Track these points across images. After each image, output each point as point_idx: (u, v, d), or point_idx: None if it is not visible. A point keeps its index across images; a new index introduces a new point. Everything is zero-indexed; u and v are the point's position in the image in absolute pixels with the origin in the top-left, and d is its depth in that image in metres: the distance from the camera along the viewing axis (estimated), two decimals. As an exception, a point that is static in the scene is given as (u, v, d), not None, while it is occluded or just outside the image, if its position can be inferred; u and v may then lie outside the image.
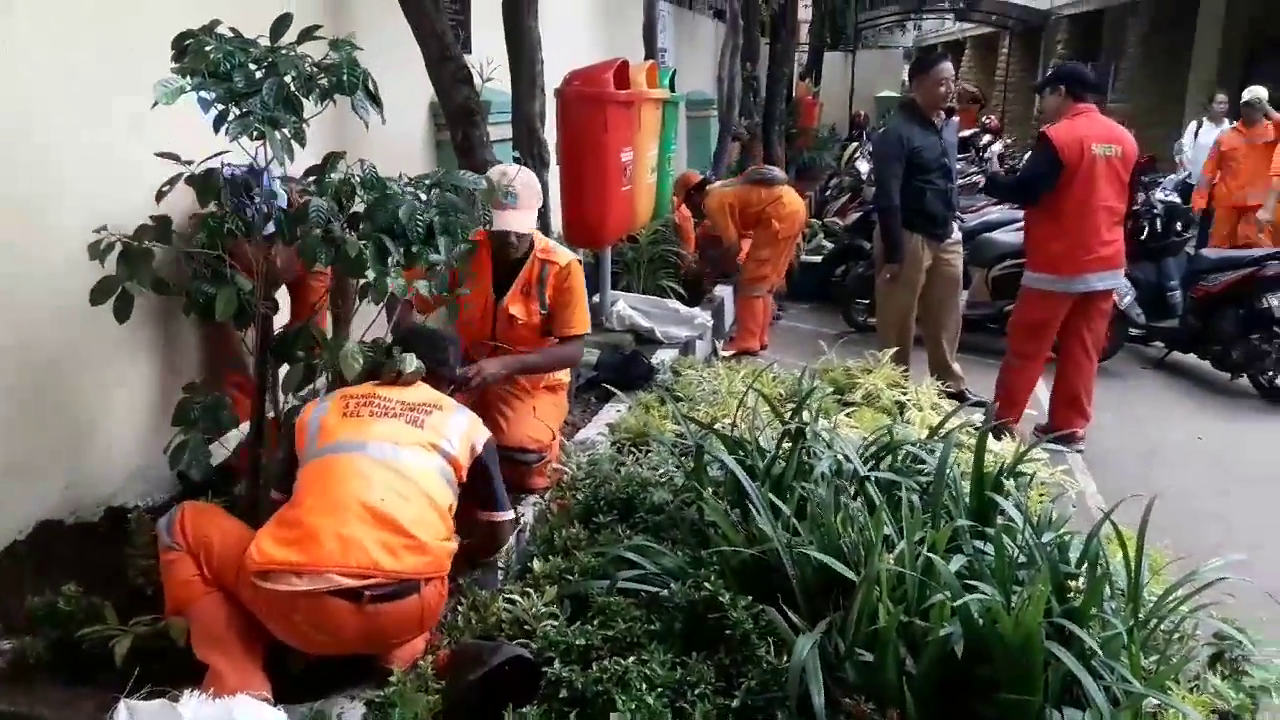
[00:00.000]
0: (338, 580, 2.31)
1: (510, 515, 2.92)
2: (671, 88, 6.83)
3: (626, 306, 6.15)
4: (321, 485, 2.46)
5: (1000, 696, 2.16)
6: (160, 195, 2.63)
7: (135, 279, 2.68)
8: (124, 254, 2.66)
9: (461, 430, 2.72)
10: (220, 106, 2.47)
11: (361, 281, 2.89)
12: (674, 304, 6.43)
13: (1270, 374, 6.62)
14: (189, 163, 2.65)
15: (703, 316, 6.40)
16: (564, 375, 4.06)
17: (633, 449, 4.15)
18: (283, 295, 3.49)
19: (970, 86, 20.99)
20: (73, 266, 2.85)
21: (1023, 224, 5.90)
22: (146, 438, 3.44)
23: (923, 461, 3.12)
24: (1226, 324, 6.77)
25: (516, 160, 5.01)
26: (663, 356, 5.77)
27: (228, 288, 2.77)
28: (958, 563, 2.42)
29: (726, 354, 6.57)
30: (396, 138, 4.88)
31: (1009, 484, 2.87)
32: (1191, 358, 7.24)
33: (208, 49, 2.53)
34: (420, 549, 2.43)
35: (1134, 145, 5.41)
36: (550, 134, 5.32)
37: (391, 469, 2.50)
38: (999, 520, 2.67)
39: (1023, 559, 2.56)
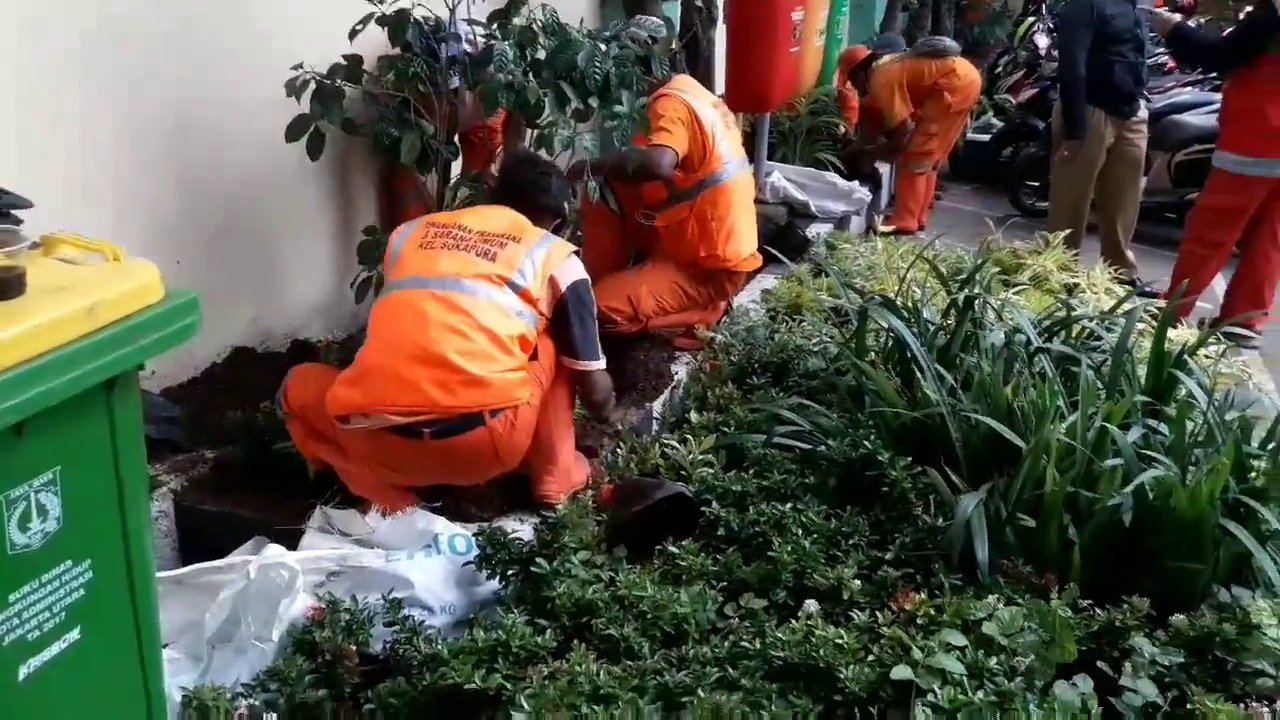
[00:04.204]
0: (392, 419, 2.35)
1: (596, 366, 2.70)
2: (844, -52, 6.52)
3: (781, 178, 6.02)
4: (383, 325, 2.49)
5: (1167, 566, 2.12)
6: (354, 33, 2.71)
7: (327, 117, 2.79)
8: (317, 91, 2.76)
9: (537, 262, 2.57)
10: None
11: (536, 132, 2.94)
12: (831, 177, 6.25)
13: None
14: (381, 2, 2.70)
15: (861, 191, 6.22)
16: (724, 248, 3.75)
17: (786, 318, 4.15)
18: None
19: None
20: (266, 108, 2.98)
21: (1217, 105, 5.47)
22: (328, 276, 3.62)
23: (1099, 338, 3.01)
24: None
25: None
26: (817, 230, 5.68)
27: (413, 131, 2.86)
28: (1133, 436, 2.36)
29: (885, 229, 6.40)
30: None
31: (1191, 362, 2.75)
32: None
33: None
34: (476, 382, 2.39)
35: None
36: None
37: (449, 303, 2.44)
38: (1179, 398, 2.57)
39: (1202, 438, 2.47)
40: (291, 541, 2.36)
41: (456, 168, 3.42)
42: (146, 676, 1.68)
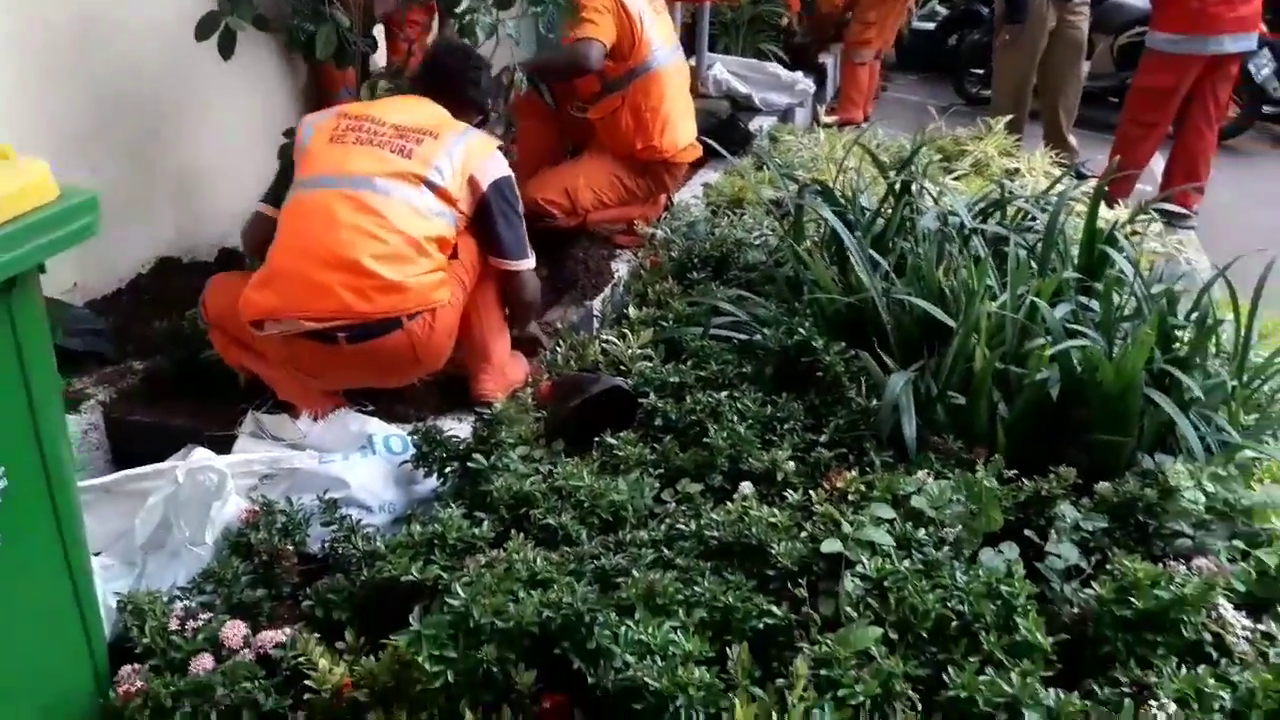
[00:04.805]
0: (306, 325, 2.28)
1: (525, 265, 2.61)
2: None
3: (724, 70, 5.93)
4: (293, 225, 2.38)
5: (1092, 438, 2.16)
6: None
7: (236, 12, 2.67)
8: (225, -16, 2.64)
9: (455, 160, 2.44)
10: None
11: (457, 24, 2.84)
12: (774, 68, 6.16)
13: None
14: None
15: (804, 83, 6.14)
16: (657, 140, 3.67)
17: (728, 212, 4.12)
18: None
19: None
20: (173, 5, 2.85)
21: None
22: (254, 181, 3.50)
23: (1034, 219, 3.02)
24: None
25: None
26: (760, 123, 5.62)
27: (327, 24, 2.75)
28: (1061, 311, 2.38)
29: (828, 120, 6.34)
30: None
31: (1122, 239, 2.77)
32: (1330, 136, 6.77)
33: None
34: (392, 287, 2.30)
35: None
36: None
37: (362, 203, 2.33)
38: (1109, 273, 2.60)
39: (1129, 311, 2.51)
40: (224, 448, 2.33)
41: (381, 61, 3.31)
42: (76, 583, 1.67)
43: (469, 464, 2.18)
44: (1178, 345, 2.40)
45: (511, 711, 1.59)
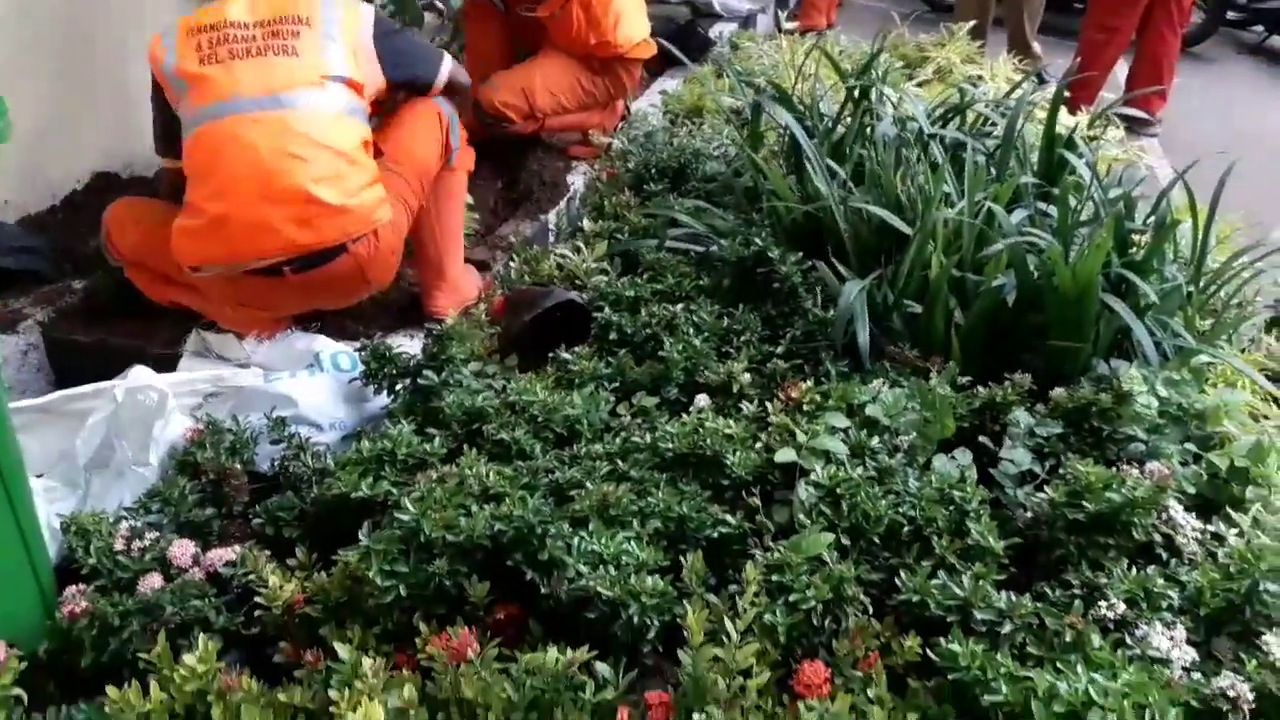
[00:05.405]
0: (254, 264, 2.18)
1: (444, 71, 2.48)
2: None
3: (684, -25, 5.76)
4: (208, 164, 2.17)
5: (1048, 343, 2.16)
6: None
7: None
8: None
9: (338, 39, 2.26)
10: None
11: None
12: (736, -26, 6.00)
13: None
14: None
15: (766, -12, 6.00)
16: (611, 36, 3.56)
17: (686, 121, 4.04)
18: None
19: None
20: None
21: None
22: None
23: (993, 124, 2.97)
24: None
25: None
26: (721, 30, 5.48)
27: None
28: (1018, 216, 2.35)
29: (790, 27, 6.21)
30: None
31: (1081, 144, 2.74)
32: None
33: None
34: (336, 212, 2.17)
35: None
36: None
37: (277, 126, 2.15)
38: (1067, 179, 2.57)
39: (1087, 216, 2.48)
40: (169, 367, 2.27)
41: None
42: (15, 509, 1.62)
43: (420, 380, 2.14)
44: (1134, 250, 2.39)
45: (465, 623, 1.58)
